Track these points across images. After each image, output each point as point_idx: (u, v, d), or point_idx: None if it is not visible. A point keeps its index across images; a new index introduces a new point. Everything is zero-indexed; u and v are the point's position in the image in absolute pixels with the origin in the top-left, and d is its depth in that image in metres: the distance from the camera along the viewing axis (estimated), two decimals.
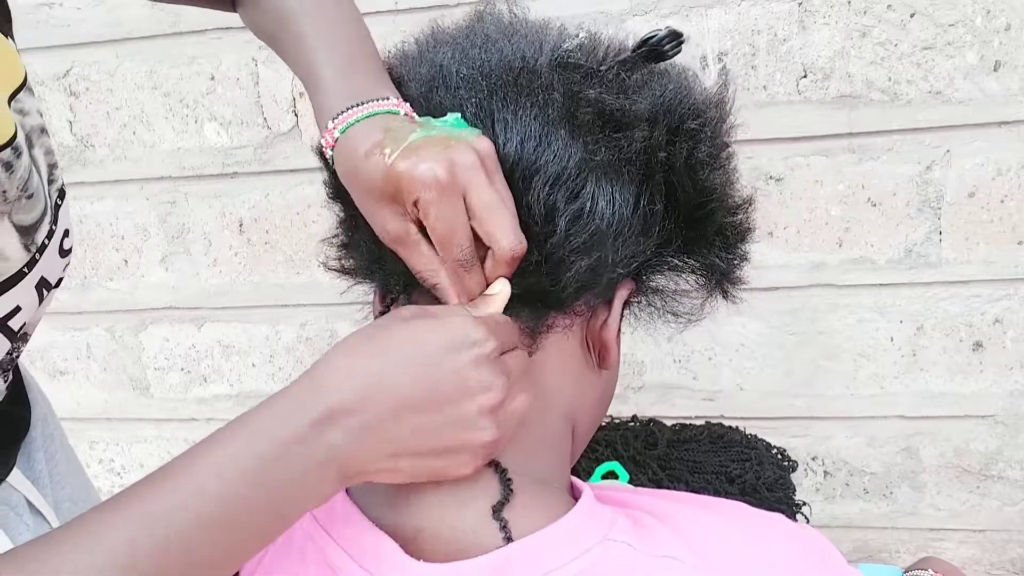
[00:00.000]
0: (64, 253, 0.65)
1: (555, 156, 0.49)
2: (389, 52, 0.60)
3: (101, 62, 1.30)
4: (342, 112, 0.52)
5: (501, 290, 0.49)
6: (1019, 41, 1.07)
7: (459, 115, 0.50)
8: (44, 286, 0.63)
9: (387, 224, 0.49)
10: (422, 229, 0.49)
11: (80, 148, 1.35)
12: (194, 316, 1.43)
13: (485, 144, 0.49)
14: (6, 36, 0.59)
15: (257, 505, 0.43)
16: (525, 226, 0.49)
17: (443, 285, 0.49)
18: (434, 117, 0.52)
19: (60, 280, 0.67)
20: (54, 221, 0.62)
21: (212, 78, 1.28)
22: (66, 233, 0.65)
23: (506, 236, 0.48)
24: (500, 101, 0.50)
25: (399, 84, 0.56)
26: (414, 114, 0.52)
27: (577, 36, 0.53)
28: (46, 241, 0.61)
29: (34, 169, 0.58)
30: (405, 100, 0.53)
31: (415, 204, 0.47)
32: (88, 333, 1.47)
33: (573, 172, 0.49)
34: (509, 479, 0.49)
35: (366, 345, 0.46)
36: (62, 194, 0.65)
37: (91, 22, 1.28)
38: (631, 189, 0.51)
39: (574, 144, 0.49)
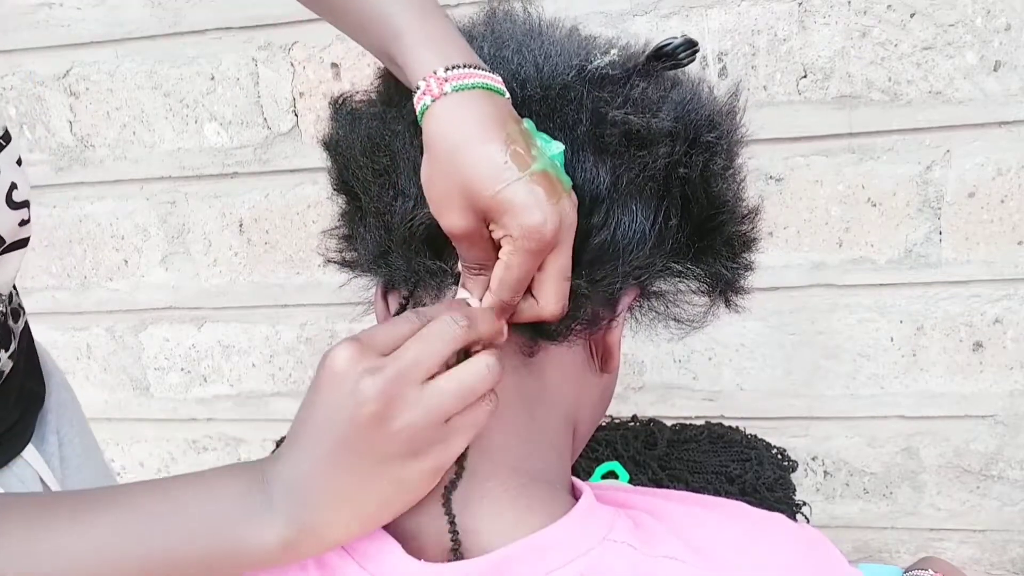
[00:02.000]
0: (15, 205, 0.64)
1: (591, 182, 0.49)
2: None
3: (101, 62, 1.30)
4: (457, 67, 0.48)
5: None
6: (1019, 41, 1.07)
7: (564, 149, 0.48)
8: None
9: (459, 218, 0.47)
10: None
11: (80, 148, 1.35)
12: (194, 316, 1.43)
13: (575, 200, 0.48)
14: None
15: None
16: None
17: (484, 279, 0.49)
18: None
19: (22, 242, 0.66)
20: None
21: (212, 78, 1.28)
22: (14, 185, 0.64)
23: (558, 304, 0.48)
24: (533, 116, 0.49)
25: None
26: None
27: (608, 52, 0.52)
28: None
29: None
30: None
31: (505, 234, 0.46)
32: (88, 333, 1.47)
33: (604, 196, 0.49)
34: (463, 467, 0.48)
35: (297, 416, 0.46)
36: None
37: (91, 22, 1.28)
38: (652, 204, 0.50)
39: (602, 167, 0.49)
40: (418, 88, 0.48)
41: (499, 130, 0.46)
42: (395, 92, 0.55)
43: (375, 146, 0.53)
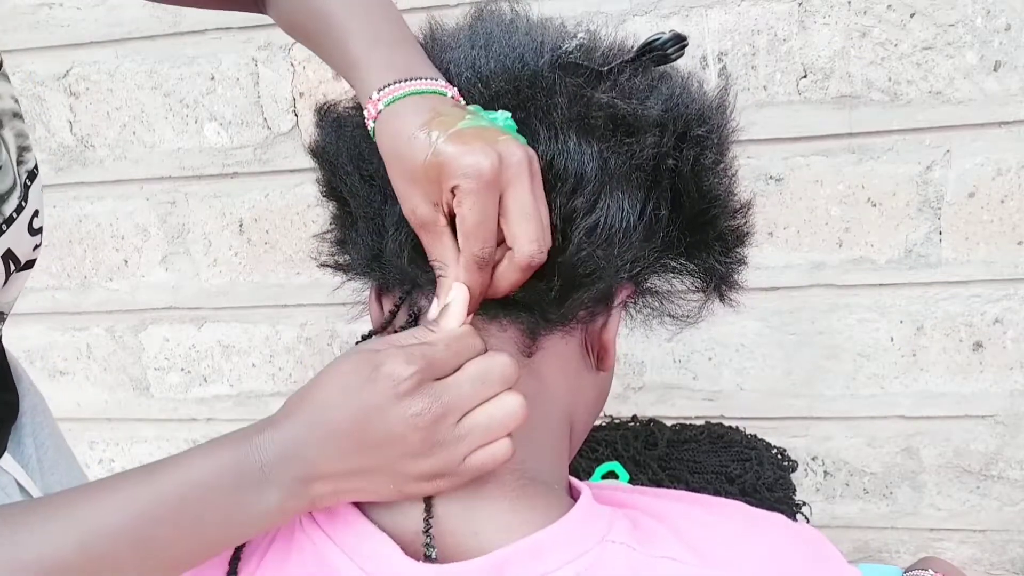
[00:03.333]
0: (34, 232, 0.67)
1: (575, 162, 0.49)
2: None
3: (101, 62, 1.30)
4: (388, 85, 0.51)
5: (457, 297, 0.48)
6: (1019, 41, 1.07)
7: (510, 115, 0.49)
8: (11, 259, 0.65)
9: (417, 207, 0.48)
10: (450, 221, 0.48)
11: (80, 148, 1.35)
12: (194, 316, 1.43)
13: (531, 150, 0.48)
14: None
15: (206, 519, 0.47)
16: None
17: (447, 280, 0.49)
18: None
19: (31, 262, 0.69)
20: (24, 198, 0.65)
21: (212, 78, 1.28)
22: (36, 213, 0.67)
23: (531, 243, 0.47)
24: (508, 109, 0.50)
25: None
26: (461, 98, 0.51)
27: (576, 36, 0.52)
28: (14, 215, 0.63)
29: (3, 146, 0.61)
30: None
31: (452, 191, 0.46)
32: (88, 333, 1.47)
33: (589, 178, 0.49)
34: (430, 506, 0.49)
35: (309, 389, 0.48)
36: (32, 175, 0.67)
37: (91, 22, 1.28)
38: (639, 195, 0.50)
39: (588, 149, 0.49)
40: (364, 118, 0.51)
41: (423, 116, 0.48)
42: None
43: (360, 154, 0.54)
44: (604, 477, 1.03)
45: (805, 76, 1.13)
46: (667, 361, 1.30)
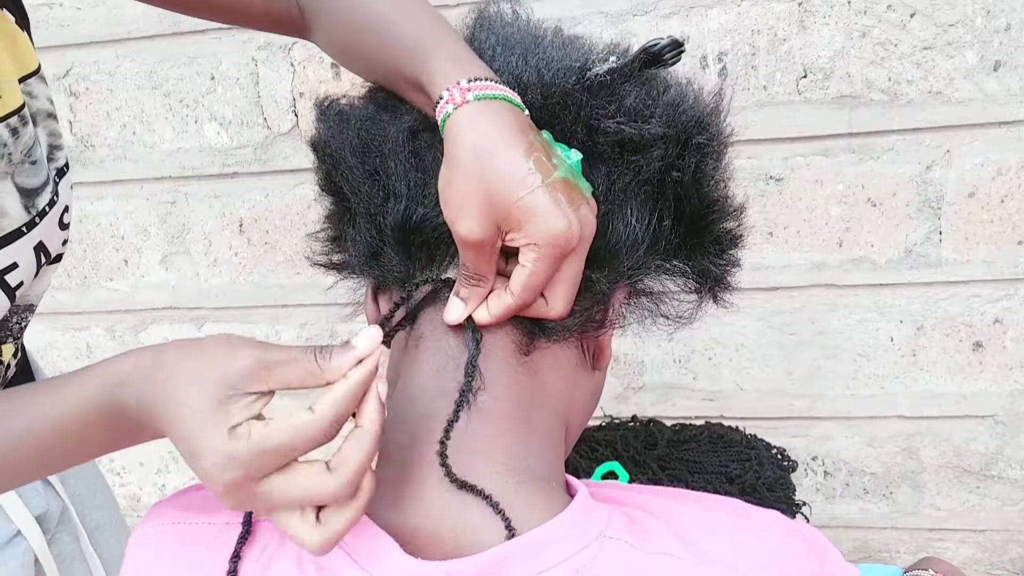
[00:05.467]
0: (63, 226, 0.69)
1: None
2: None
3: (101, 62, 1.30)
4: (478, 79, 0.49)
5: (362, 343, 0.45)
6: (1019, 41, 1.07)
7: (582, 158, 0.49)
8: (43, 252, 0.66)
9: (477, 229, 0.47)
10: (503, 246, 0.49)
11: (80, 148, 1.35)
12: (194, 316, 1.43)
13: (595, 206, 0.49)
14: (23, 31, 0.65)
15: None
16: None
17: (481, 290, 0.49)
18: None
19: (59, 256, 0.71)
20: (55, 193, 0.67)
21: (212, 78, 1.28)
22: (66, 208, 0.69)
23: (566, 307, 0.49)
24: (531, 120, 0.50)
25: None
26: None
27: (607, 60, 0.52)
28: (47, 208, 0.65)
29: (38, 143, 0.64)
30: None
31: (529, 242, 0.47)
32: (88, 333, 1.47)
33: (600, 202, 0.50)
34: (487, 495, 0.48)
35: (173, 379, 0.47)
36: (61, 173, 0.69)
37: (91, 22, 1.28)
38: (647, 207, 0.51)
39: (596, 174, 0.50)
40: (441, 98, 0.49)
41: (522, 138, 0.47)
42: (391, 98, 0.56)
43: (366, 147, 0.54)
44: (604, 477, 1.03)
45: (805, 76, 1.13)
46: (667, 361, 1.30)
